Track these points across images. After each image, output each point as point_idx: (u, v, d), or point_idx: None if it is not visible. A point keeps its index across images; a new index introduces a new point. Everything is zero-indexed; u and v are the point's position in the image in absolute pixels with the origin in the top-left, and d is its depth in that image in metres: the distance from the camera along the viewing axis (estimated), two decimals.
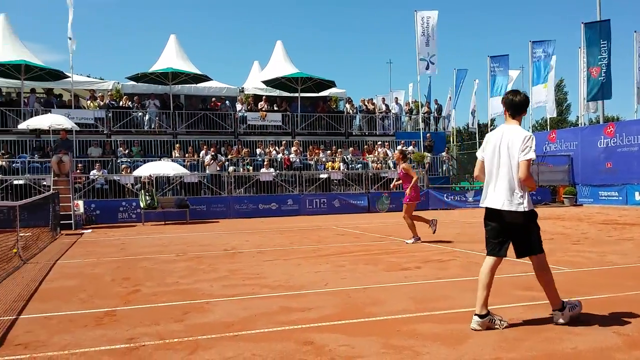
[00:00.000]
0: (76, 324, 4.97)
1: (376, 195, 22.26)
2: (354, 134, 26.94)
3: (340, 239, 11.98)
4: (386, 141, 25.97)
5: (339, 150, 24.16)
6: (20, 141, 21.14)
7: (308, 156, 23.57)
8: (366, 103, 27.66)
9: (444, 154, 26.32)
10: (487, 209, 4.68)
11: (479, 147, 4.98)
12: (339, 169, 23.05)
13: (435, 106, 28.89)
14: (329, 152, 24.08)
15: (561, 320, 4.56)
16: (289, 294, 6.17)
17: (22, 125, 18.51)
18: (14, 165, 19.58)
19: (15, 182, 18.43)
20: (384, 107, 27.87)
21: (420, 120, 26.92)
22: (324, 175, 22.46)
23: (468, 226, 14.73)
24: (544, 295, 5.52)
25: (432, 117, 28.35)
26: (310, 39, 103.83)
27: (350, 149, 24.69)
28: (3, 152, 19.95)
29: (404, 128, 28.02)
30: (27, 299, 6.19)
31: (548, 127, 31.90)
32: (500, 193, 4.52)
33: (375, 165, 24.04)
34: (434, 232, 11.02)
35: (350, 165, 23.66)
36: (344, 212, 21.03)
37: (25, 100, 21.94)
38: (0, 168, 19.15)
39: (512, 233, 4.58)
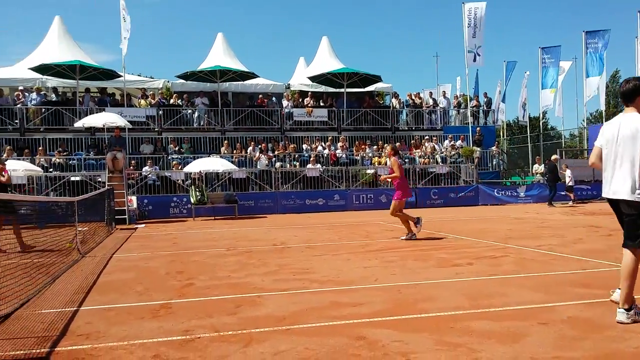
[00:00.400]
0: (134, 316, 5.12)
1: (424, 190, 22.02)
2: (400, 128, 26.70)
3: (389, 235, 11.90)
4: (434, 136, 25.62)
5: (386, 145, 23.98)
6: (76, 139, 21.93)
7: (354, 151, 23.51)
8: (413, 97, 27.35)
9: (493, 148, 25.75)
10: (608, 199, 4.70)
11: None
12: (386, 164, 22.88)
13: (485, 99, 28.25)
14: (375, 147, 23.95)
15: (624, 320, 4.40)
16: (339, 289, 6.17)
17: (78, 124, 19.21)
18: (70, 162, 20.36)
19: (72, 178, 19.16)
20: (431, 101, 27.49)
21: (468, 114, 26.41)
22: (370, 171, 22.37)
23: (519, 222, 14.38)
24: (604, 293, 5.34)
25: (481, 111, 27.75)
26: (356, 34, 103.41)
27: (397, 143, 24.43)
28: (60, 149, 20.74)
29: (452, 122, 27.56)
30: (86, 291, 6.41)
31: (603, 119, 30.77)
32: (619, 183, 4.52)
33: (423, 160, 23.76)
34: (417, 232, 10.75)
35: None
36: None
37: (81, 100, 22.73)
38: (58, 165, 19.95)
39: (624, 222, 4.58)
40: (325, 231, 13.21)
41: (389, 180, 11.36)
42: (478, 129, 25.81)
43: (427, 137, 25.39)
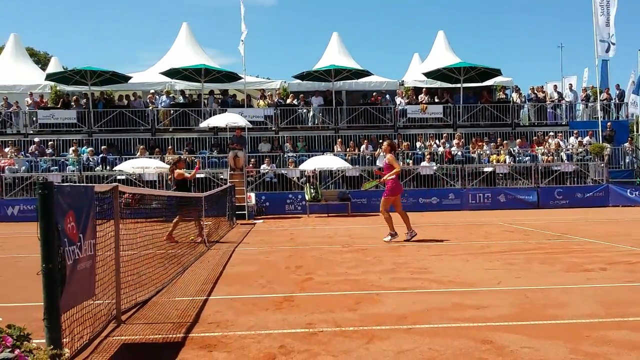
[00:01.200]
0: (258, 307, 5.32)
1: (547, 189, 20.83)
2: (521, 124, 25.38)
3: (509, 236, 11.39)
4: (558, 132, 24.06)
5: (505, 142, 22.93)
6: (200, 138, 23.31)
7: (471, 149, 22.75)
8: (536, 91, 25.88)
9: (626, 144, 23.66)
10: None
11: None
12: (505, 162, 21.91)
13: (617, 92, 26.03)
14: (493, 144, 22.99)
15: None
16: (460, 290, 6.00)
17: (203, 124, 20.43)
18: (195, 160, 21.64)
19: (197, 175, 20.34)
20: (555, 95, 25.84)
21: (598, 108, 24.49)
22: (488, 169, 21.53)
23: None
24: None
25: (612, 104, 25.62)
26: (474, 26, 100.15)
27: (518, 140, 23.26)
28: (187, 148, 22.14)
29: (579, 117, 25.71)
30: (214, 281, 6.78)
31: None
32: None
33: (546, 157, 22.44)
34: (388, 241, 10.56)
35: (518, 158, 22.36)
36: (510, 207, 19.95)
37: (205, 101, 24.10)
38: (185, 163, 21.30)
39: None
40: (440, 230, 12.93)
41: (392, 178, 11.05)
42: (609, 124, 23.87)
43: (551, 133, 23.91)
